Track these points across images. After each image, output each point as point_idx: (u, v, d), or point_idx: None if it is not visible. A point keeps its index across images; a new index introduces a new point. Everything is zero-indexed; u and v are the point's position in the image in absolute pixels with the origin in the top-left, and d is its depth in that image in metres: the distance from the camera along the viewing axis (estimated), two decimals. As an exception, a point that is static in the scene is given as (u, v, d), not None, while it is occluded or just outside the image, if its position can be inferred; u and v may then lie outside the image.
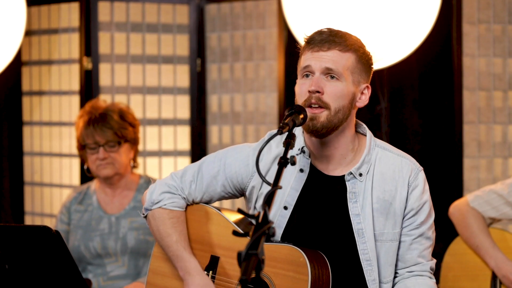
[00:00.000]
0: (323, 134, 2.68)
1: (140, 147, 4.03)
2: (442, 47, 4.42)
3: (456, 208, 3.64)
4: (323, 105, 2.65)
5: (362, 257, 2.71)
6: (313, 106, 2.65)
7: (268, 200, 2.27)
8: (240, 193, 2.88)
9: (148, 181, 3.92)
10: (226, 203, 4.47)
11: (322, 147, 2.73)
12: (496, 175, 4.39)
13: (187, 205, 2.90)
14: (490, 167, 4.39)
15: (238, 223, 2.83)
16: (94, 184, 3.96)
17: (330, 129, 2.67)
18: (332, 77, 2.66)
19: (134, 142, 3.88)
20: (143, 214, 2.91)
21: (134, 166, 3.93)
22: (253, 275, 2.08)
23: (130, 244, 3.81)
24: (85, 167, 3.89)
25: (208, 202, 2.90)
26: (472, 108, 4.39)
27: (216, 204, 2.94)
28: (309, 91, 2.65)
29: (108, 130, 3.79)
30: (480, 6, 4.38)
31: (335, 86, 2.66)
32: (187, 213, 2.89)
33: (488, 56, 4.39)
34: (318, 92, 2.64)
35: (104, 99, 4.05)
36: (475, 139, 4.39)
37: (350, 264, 2.72)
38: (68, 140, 4.75)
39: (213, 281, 2.80)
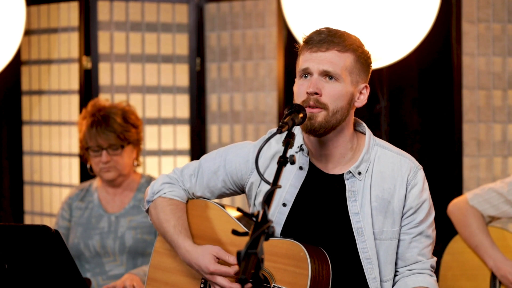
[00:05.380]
0: (321, 134, 2.68)
1: (140, 146, 4.03)
2: (442, 46, 4.42)
3: (455, 207, 3.64)
4: (321, 106, 2.65)
5: (362, 255, 2.71)
6: (311, 107, 2.65)
7: (268, 199, 2.27)
8: (240, 189, 2.89)
9: (149, 180, 3.91)
10: (226, 201, 4.48)
11: (321, 146, 2.73)
12: (496, 174, 4.39)
13: (188, 198, 2.91)
14: (489, 166, 4.39)
15: (239, 218, 2.84)
16: (96, 182, 3.95)
17: (328, 129, 2.67)
18: (331, 78, 2.66)
19: (137, 143, 3.86)
20: (145, 207, 2.93)
21: (138, 165, 3.92)
22: (253, 271, 2.09)
23: (128, 243, 3.80)
24: (88, 166, 3.88)
25: (209, 198, 2.91)
26: (472, 107, 4.39)
27: (217, 200, 2.95)
28: (307, 93, 2.65)
29: (111, 133, 3.77)
30: (480, 5, 4.38)
31: (333, 87, 2.66)
32: (189, 208, 2.90)
33: (487, 55, 4.39)
34: (316, 93, 2.64)
35: (107, 98, 4.04)
36: (475, 138, 4.39)
37: (350, 263, 2.72)
38: (68, 139, 4.75)
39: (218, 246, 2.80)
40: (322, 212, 2.74)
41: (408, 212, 2.74)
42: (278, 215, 2.76)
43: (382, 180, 2.74)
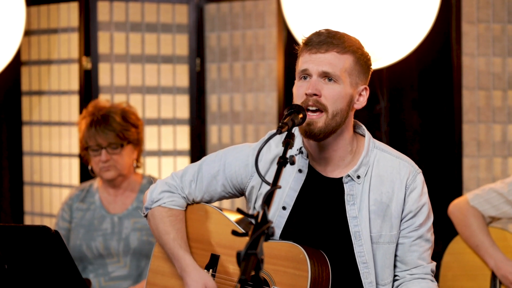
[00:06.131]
0: (320, 138, 2.68)
1: (140, 146, 4.03)
2: (442, 46, 4.42)
3: (455, 207, 3.64)
4: (321, 108, 2.64)
5: (358, 259, 2.70)
6: (310, 109, 2.64)
7: (267, 199, 2.27)
8: (240, 193, 2.88)
9: (151, 181, 3.91)
10: (226, 203, 4.47)
11: (320, 149, 2.72)
12: (496, 174, 4.39)
13: (187, 204, 2.90)
14: (489, 166, 4.39)
15: (238, 222, 2.84)
16: (96, 183, 3.95)
17: (327, 133, 2.67)
18: (330, 80, 2.66)
19: (137, 142, 3.86)
20: (144, 213, 2.92)
21: (137, 166, 3.92)
22: (253, 273, 2.09)
23: (133, 245, 3.80)
24: (89, 167, 3.88)
25: (208, 202, 2.90)
26: (472, 107, 4.39)
27: (216, 203, 2.95)
28: (306, 94, 2.65)
29: (110, 132, 3.77)
30: (480, 6, 4.38)
31: (332, 89, 2.65)
32: (187, 212, 2.90)
33: (487, 55, 4.39)
34: (315, 95, 2.64)
35: (107, 99, 4.04)
36: (475, 139, 4.39)
37: (347, 267, 2.71)
38: (68, 140, 4.75)
39: (213, 280, 2.81)
40: (320, 215, 2.74)
41: (408, 216, 2.74)
42: (278, 218, 2.75)
43: (381, 183, 2.73)
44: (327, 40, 2.66)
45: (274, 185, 2.34)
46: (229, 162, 2.84)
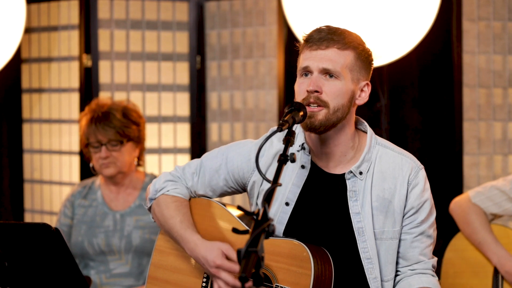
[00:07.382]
0: (321, 131, 2.68)
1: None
2: (442, 44, 4.42)
3: (457, 205, 3.64)
4: (322, 104, 2.65)
5: (362, 255, 2.71)
6: (311, 105, 2.65)
7: (268, 197, 2.26)
8: (242, 188, 2.88)
9: (153, 179, 3.91)
10: (226, 199, 4.47)
11: (322, 144, 2.73)
12: (496, 172, 4.39)
13: (190, 196, 2.90)
14: (490, 164, 4.39)
15: (241, 217, 2.84)
16: (98, 180, 3.95)
17: (328, 127, 2.67)
18: (331, 76, 2.66)
19: (138, 140, 3.86)
20: (148, 205, 2.92)
21: (139, 165, 3.91)
22: (254, 271, 2.08)
23: (135, 242, 3.80)
24: (91, 165, 3.88)
25: (210, 196, 2.90)
26: (472, 105, 4.39)
27: (218, 199, 2.94)
28: (307, 91, 2.65)
29: (110, 129, 3.77)
30: (480, 3, 4.37)
31: (333, 85, 2.66)
32: (191, 207, 2.90)
33: (488, 53, 4.39)
34: (316, 91, 2.64)
35: (110, 96, 4.04)
36: (475, 136, 4.39)
37: (351, 263, 2.72)
38: (68, 137, 4.75)
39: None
40: (323, 211, 2.74)
41: (410, 212, 2.74)
42: (281, 214, 2.76)
43: (383, 179, 2.73)
44: (327, 36, 2.66)
45: (275, 182, 2.34)
46: (231, 156, 2.85)
